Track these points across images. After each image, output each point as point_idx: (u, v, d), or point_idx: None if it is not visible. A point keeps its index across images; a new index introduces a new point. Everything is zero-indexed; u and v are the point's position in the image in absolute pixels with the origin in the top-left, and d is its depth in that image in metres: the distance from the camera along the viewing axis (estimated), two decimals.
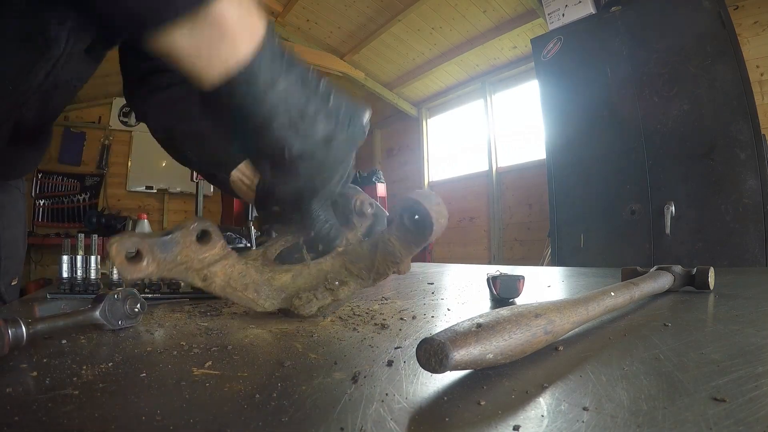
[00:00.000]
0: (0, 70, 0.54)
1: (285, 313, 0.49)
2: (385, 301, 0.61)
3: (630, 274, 0.66)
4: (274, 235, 0.54)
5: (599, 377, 0.26)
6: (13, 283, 0.86)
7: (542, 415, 0.21)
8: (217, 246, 0.44)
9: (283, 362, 0.31)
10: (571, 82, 2.76)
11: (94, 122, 5.30)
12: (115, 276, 0.74)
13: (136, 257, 0.38)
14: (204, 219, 0.44)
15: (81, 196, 5.25)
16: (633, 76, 2.44)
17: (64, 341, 0.37)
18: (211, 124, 0.49)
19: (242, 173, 0.55)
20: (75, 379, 0.27)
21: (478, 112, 4.86)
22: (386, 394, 0.24)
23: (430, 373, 0.26)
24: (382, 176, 5.40)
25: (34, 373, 0.28)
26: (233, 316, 0.51)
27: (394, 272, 0.47)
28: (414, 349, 0.26)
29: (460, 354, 0.24)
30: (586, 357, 0.31)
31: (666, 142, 2.33)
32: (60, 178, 5.18)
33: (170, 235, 0.41)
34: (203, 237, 0.44)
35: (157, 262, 0.40)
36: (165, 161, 5.13)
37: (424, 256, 4.69)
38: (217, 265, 0.45)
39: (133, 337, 0.39)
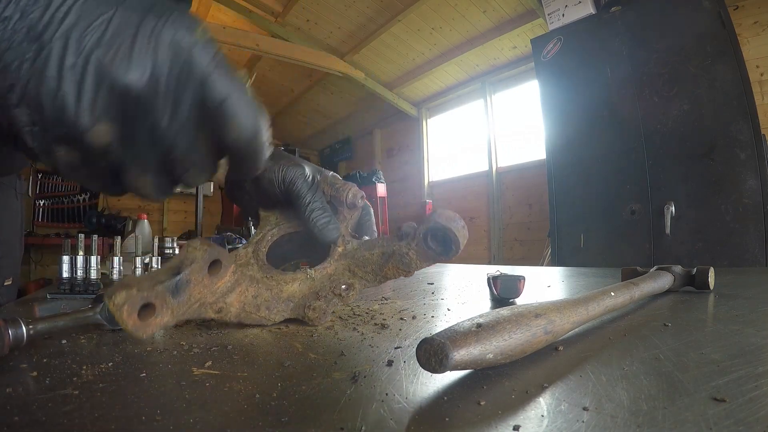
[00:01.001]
0: None
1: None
2: (385, 301, 0.61)
3: (630, 274, 0.66)
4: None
5: (599, 377, 0.26)
6: (6, 284, 0.85)
7: (542, 415, 0.21)
8: (228, 272, 0.41)
9: (283, 362, 0.31)
10: (571, 82, 2.76)
11: None
12: (115, 276, 0.74)
13: (147, 311, 0.33)
14: (210, 244, 0.39)
15: (81, 196, 5.25)
16: (633, 76, 2.44)
17: (64, 341, 0.37)
18: None
19: None
20: (75, 379, 0.27)
21: (478, 112, 4.86)
22: (386, 394, 0.24)
23: (430, 373, 0.26)
24: (382, 176, 5.40)
25: (34, 373, 0.28)
26: None
27: (400, 276, 0.47)
28: (414, 349, 0.26)
29: (460, 354, 0.24)
30: (586, 357, 0.31)
31: (666, 142, 2.33)
32: (60, 178, 5.18)
33: (180, 275, 0.35)
34: (214, 266, 0.39)
35: (171, 309, 0.34)
36: None
37: None
38: (232, 294, 0.41)
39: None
